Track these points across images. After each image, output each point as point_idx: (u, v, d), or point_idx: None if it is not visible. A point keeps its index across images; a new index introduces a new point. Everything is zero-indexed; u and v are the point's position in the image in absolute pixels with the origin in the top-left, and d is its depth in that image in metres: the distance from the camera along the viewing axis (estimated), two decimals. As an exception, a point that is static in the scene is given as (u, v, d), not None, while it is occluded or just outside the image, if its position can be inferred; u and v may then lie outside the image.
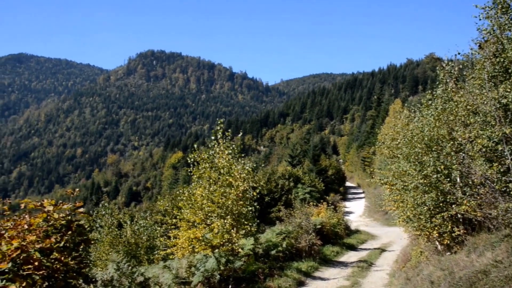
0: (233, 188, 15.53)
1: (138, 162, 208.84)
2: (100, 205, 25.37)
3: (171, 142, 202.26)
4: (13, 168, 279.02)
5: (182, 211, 16.50)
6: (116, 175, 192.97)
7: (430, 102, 15.11)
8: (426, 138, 14.10)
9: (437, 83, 15.11)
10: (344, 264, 22.08)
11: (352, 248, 28.64)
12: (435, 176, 13.36)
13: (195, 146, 17.35)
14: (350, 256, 25.16)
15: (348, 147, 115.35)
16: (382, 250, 27.69)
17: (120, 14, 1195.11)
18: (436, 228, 13.77)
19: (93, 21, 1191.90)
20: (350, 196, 71.20)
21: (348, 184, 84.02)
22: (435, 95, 14.85)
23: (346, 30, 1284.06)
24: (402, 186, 15.05)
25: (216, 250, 14.14)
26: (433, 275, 11.57)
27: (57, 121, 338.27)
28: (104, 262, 20.20)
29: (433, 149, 13.92)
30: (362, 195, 70.27)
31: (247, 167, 15.99)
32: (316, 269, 19.85)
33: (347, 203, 60.33)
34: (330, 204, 35.50)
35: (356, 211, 54.76)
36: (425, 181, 13.59)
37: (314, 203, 34.59)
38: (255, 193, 16.46)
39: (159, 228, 24.12)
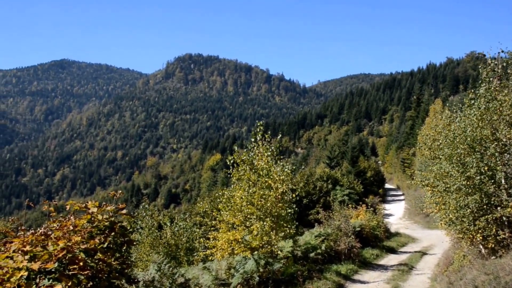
0: (272, 190, 15.51)
1: (177, 164, 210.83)
2: (141, 207, 25.72)
3: (209, 145, 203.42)
4: (57, 171, 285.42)
5: (222, 213, 16.57)
6: (156, 177, 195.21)
7: (472, 101, 14.76)
8: (469, 139, 13.80)
9: (480, 81, 14.76)
10: (384, 267, 21.78)
11: (392, 251, 28.23)
12: (478, 177, 13.07)
13: (235, 148, 17.41)
14: (390, 259, 24.79)
15: (387, 148, 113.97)
16: (423, 253, 27.20)
17: (158, 20, 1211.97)
18: (480, 231, 13.45)
19: (132, 27, 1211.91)
20: (389, 198, 70.24)
21: (387, 186, 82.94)
22: (478, 94, 14.51)
23: (383, 30, 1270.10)
24: (444, 188, 14.75)
25: (255, 252, 14.15)
26: (477, 279, 11.31)
27: (98, 124, 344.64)
28: (145, 263, 20.45)
29: (476, 150, 13.62)
30: (402, 197, 69.22)
31: (286, 169, 15.95)
32: (355, 272, 19.64)
33: (386, 205, 59.54)
34: (369, 206, 35.11)
35: (395, 214, 54.01)
36: (468, 182, 13.30)
37: (353, 205, 34.28)
38: (294, 195, 16.40)
39: (198, 230, 24.29)
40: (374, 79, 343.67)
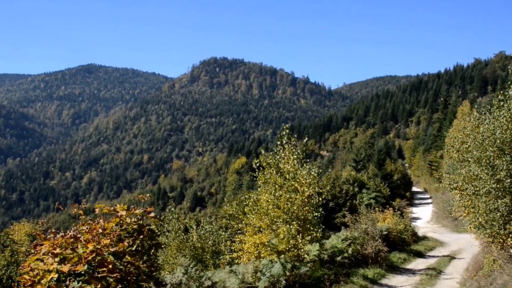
0: (298, 194, 15.46)
1: (203, 167, 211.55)
2: (167, 210, 25.89)
3: (235, 148, 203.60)
4: (84, 174, 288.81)
5: (248, 216, 16.57)
6: (181, 181, 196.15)
7: (501, 103, 14.53)
8: (498, 141, 13.59)
9: (509, 82, 14.52)
10: (411, 272, 21.56)
11: (420, 255, 27.92)
12: (508, 180, 12.86)
13: (261, 151, 17.41)
14: (418, 264, 24.53)
15: (414, 151, 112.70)
16: (451, 257, 26.85)
17: (184, 24, 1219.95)
18: (511, 235, 13.23)
19: (158, 32, 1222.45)
20: (416, 201, 69.43)
21: (414, 189, 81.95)
22: (507, 95, 14.28)
23: (409, 31, 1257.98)
24: (473, 191, 14.54)
25: (282, 256, 14.14)
26: (508, 284, 11.12)
27: (124, 128, 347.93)
28: (171, 266, 20.57)
29: (506, 152, 13.40)
30: (429, 201, 68.35)
31: (312, 172, 15.89)
32: (382, 276, 19.49)
33: (413, 209, 58.89)
34: (396, 210, 34.79)
35: (423, 217, 53.40)
36: (498, 185, 13.09)
37: (380, 209, 34.01)
38: (320, 199, 16.33)
39: (224, 233, 24.34)
40: (400, 81, 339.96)
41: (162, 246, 18.55)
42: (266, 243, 15.01)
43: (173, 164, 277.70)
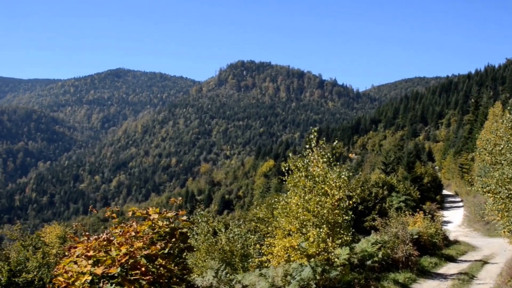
0: (328, 197, 15.36)
1: (230, 171, 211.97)
2: (196, 213, 25.95)
3: (262, 151, 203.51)
4: (113, 177, 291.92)
5: (278, 219, 16.52)
6: (209, 184, 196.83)
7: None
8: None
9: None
10: (443, 276, 21.24)
11: (451, 259, 27.50)
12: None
13: (290, 154, 17.34)
14: (450, 268, 24.15)
15: (444, 154, 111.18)
16: (484, 262, 26.36)
17: (210, 27, 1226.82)
18: (547, 239, 12.93)
19: (185, 35, 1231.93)
20: (447, 205, 68.49)
21: (445, 192, 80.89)
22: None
23: (439, 32, 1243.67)
24: (507, 195, 14.27)
25: (312, 259, 14.05)
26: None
27: (152, 132, 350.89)
28: (200, 269, 20.61)
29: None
30: (461, 204, 67.37)
31: (342, 175, 15.76)
32: (413, 281, 19.25)
33: (444, 212, 58.13)
34: (426, 213, 34.34)
35: (454, 221, 52.64)
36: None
37: (410, 212, 33.61)
38: (350, 202, 16.18)
39: (252, 236, 24.30)
40: (429, 83, 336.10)
41: (196, 249, 18.66)
42: (296, 247, 14.94)
43: (201, 167, 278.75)
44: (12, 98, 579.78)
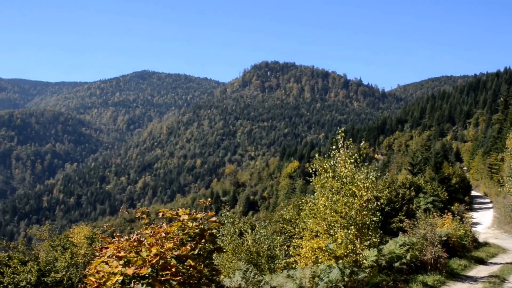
0: (356, 198, 15.23)
1: (255, 172, 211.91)
2: (222, 214, 25.98)
3: (287, 152, 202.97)
4: (138, 179, 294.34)
5: (305, 220, 16.44)
6: (234, 185, 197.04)
7: None
8: None
9: None
10: (473, 279, 20.87)
11: (481, 262, 27.02)
12: None
13: (316, 155, 17.22)
14: (480, 271, 23.73)
15: (472, 154, 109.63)
16: (515, 265, 25.85)
17: (234, 29, 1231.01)
18: None
19: (209, 37, 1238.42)
20: (476, 206, 67.38)
21: (473, 193, 79.65)
22: None
23: (466, 29, 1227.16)
24: (540, 196, 13.98)
25: (340, 261, 13.94)
26: None
27: (177, 133, 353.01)
28: (227, 270, 20.63)
29: None
30: (490, 205, 66.18)
31: (370, 176, 15.61)
32: (442, 284, 18.96)
33: (473, 214, 57.22)
34: (455, 215, 33.87)
35: (483, 222, 51.75)
36: None
37: (438, 214, 33.17)
38: (379, 203, 16.02)
39: (278, 237, 24.25)
40: (457, 81, 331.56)
41: (225, 251, 18.68)
42: (323, 248, 14.84)
43: (225, 168, 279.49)
44: (40, 101, 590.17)
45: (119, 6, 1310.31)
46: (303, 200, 17.48)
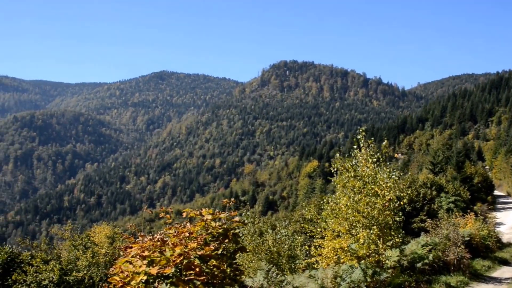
0: (379, 198, 15.08)
1: (274, 171, 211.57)
2: (242, 214, 25.94)
3: (306, 151, 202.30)
4: (158, 178, 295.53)
5: (327, 220, 16.34)
6: (253, 185, 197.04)
7: None
8: None
9: None
10: (497, 280, 20.57)
11: (505, 263, 26.62)
12: None
13: (337, 154, 17.12)
14: (504, 272, 23.38)
15: (495, 153, 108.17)
16: (541, 266, 25.44)
17: (252, 28, 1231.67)
18: None
19: (227, 37, 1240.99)
20: (499, 206, 66.42)
21: (496, 192, 78.59)
22: None
23: (487, 26, 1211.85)
24: None
25: (362, 261, 13.83)
26: None
27: (196, 133, 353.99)
28: (247, 270, 20.59)
29: None
30: (514, 205, 65.36)
31: (393, 176, 15.45)
32: (466, 285, 18.73)
33: (496, 214, 56.45)
34: (477, 215, 33.46)
35: (507, 223, 50.99)
36: None
37: (460, 213, 32.79)
38: (402, 203, 15.86)
39: (299, 237, 24.15)
40: (478, 79, 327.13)
41: (249, 251, 18.65)
42: (345, 248, 14.75)
43: (244, 168, 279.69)
44: (61, 102, 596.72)
45: (138, 7, 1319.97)
46: (324, 200, 17.37)
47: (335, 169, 16.32)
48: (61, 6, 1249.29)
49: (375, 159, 15.74)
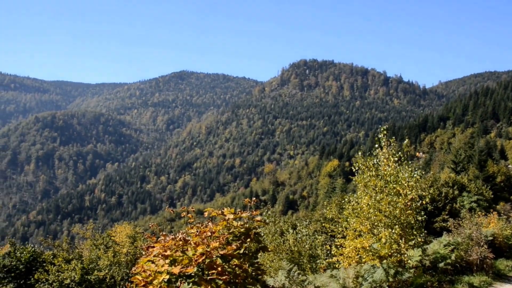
0: (401, 197, 14.96)
1: (294, 171, 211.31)
2: (262, 213, 25.95)
3: (326, 150, 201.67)
4: (178, 178, 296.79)
5: (348, 220, 16.27)
6: (273, 184, 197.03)
7: None
8: None
9: None
10: (521, 280, 20.30)
11: (530, 263, 26.24)
12: None
13: (359, 153, 17.02)
14: (528, 272, 23.05)
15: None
16: None
17: (272, 27, 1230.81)
18: None
19: (247, 36, 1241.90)
20: (523, 205, 65.58)
21: (519, 191, 77.55)
22: None
23: (510, 23, 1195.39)
24: None
25: (384, 261, 13.75)
26: None
27: (216, 132, 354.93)
28: (268, 269, 20.59)
29: None
30: (538, 204, 64.32)
31: (415, 175, 15.32)
32: (489, 285, 18.49)
33: (519, 213, 55.68)
34: (500, 214, 33.04)
35: (530, 222, 50.32)
36: None
37: (482, 213, 32.39)
38: (424, 202, 15.72)
39: (319, 237, 24.08)
40: (501, 77, 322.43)
41: (271, 250, 18.66)
42: (367, 248, 14.66)
43: (264, 167, 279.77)
44: (81, 102, 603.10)
45: (159, 7, 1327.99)
46: (345, 199, 17.29)
47: (356, 168, 16.23)
48: (80, 7, 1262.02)
49: (396, 158, 15.62)
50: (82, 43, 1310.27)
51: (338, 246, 16.60)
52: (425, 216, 15.98)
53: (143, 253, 7.37)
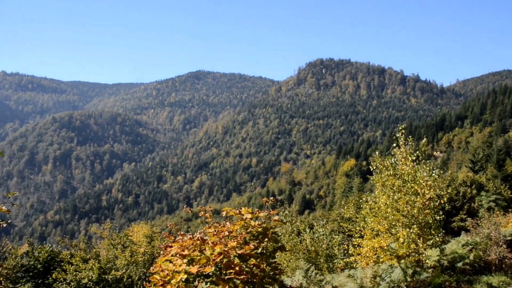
0: (419, 196, 14.86)
1: (311, 170, 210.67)
2: (280, 213, 25.93)
3: (343, 150, 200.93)
4: (195, 178, 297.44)
5: (366, 219, 16.19)
6: (290, 184, 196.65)
7: None
8: None
9: None
10: (541, 281, 20.02)
11: (549, 262, 25.90)
12: None
13: (377, 152, 16.94)
14: (547, 272, 22.74)
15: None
16: None
17: (288, 27, 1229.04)
18: None
19: (264, 36, 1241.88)
20: (542, 204, 64.75)
21: (538, 191, 76.48)
22: None
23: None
24: None
25: (402, 261, 13.67)
26: None
27: (233, 132, 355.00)
28: (286, 269, 20.58)
29: None
30: (557, 203, 63.46)
31: (433, 174, 15.20)
32: (508, 285, 18.25)
33: (539, 213, 54.96)
34: (520, 214, 32.64)
35: (550, 221, 49.65)
36: None
37: (501, 212, 32.06)
38: (442, 201, 15.61)
39: (336, 236, 24.02)
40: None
41: (289, 250, 18.66)
42: (385, 247, 14.58)
43: (281, 167, 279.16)
44: (98, 103, 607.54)
45: (173, 7, 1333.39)
46: (363, 199, 17.21)
47: (374, 168, 16.14)
48: (98, 8, 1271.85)
49: (414, 157, 15.52)
50: (100, 44, 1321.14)
51: (356, 246, 16.54)
52: (443, 216, 15.86)
53: (161, 252, 7.42)
